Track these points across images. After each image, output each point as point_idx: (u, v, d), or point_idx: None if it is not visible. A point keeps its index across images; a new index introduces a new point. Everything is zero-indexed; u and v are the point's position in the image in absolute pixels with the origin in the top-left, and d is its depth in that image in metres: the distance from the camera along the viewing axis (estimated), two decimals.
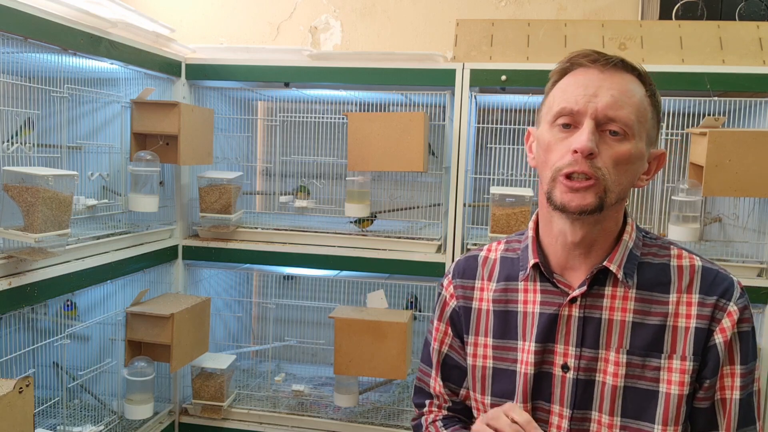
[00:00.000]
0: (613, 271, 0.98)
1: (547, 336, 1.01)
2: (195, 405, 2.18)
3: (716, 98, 1.90)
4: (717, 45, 1.99)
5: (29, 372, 1.70)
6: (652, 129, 0.98)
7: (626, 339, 0.97)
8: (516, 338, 1.05)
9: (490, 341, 1.07)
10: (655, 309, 0.98)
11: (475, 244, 2.04)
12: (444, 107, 2.19)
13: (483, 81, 1.98)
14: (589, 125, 0.92)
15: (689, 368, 0.95)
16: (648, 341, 0.97)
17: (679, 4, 2.36)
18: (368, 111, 2.28)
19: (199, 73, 2.16)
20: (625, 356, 0.97)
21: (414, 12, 2.61)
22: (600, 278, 0.99)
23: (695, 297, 0.97)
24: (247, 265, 2.29)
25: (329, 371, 2.28)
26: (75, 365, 1.98)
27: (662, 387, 0.96)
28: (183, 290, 2.22)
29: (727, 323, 0.95)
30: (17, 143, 1.62)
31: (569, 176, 0.93)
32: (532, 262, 1.03)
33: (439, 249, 2.09)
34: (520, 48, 2.09)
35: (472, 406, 1.12)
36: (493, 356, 1.07)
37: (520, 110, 2.21)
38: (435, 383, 1.16)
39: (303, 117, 2.34)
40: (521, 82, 1.94)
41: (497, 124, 2.15)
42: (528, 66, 1.95)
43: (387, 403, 2.26)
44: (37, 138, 1.79)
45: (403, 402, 2.26)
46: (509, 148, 2.14)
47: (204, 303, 2.06)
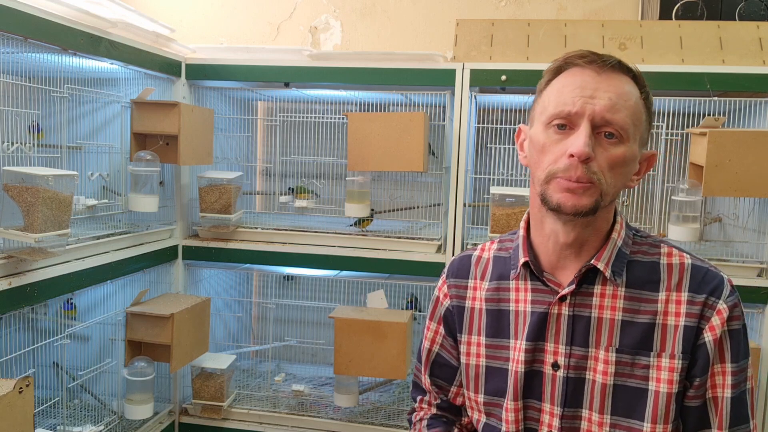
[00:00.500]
0: (601, 270, 0.98)
1: (538, 334, 1.01)
2: (195, 405, 2.18)
3: (716, 98, 1.90)
4: (717, 45, 1.99)
5: (29, 372, 1.70)
6: (645, 131, 0.98)
7: (615, 337, 0.97)
8: (508, 337, 1.05)
9: (483, 340, 1.08)
10: (645, 307, 0.98)
11: (475, 244, 2.04)
12: (444, 107, 2.19)
13: (483, 81, 1.98)
14: (586, 129, 0.91)
15: (678, 366, 0.95)
16: (637, 339, 0.97)
17: (679, 4, 2.36)
18: (368, 111, 2.28)
19: (199, 73, 2.16)
20: (615, 354, 0.97)
21: (414, 12, 2.61)
22: (589, 277, 1.00)
23: (684, 295, 0.97)
24: (247, 265, 2.29)
25: (329, 371, 2.28)
26: (75, 365, 1.98)
27: (651, 385, 0.96)
28: (183, 290, 2.22)
29: (717, 321, 0.95)
30: (28, 143, 1.62)
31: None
32: (522, 261, 1.03)
33: (439, 249, 2.09)
34: (520, 48, 2.09)
35: (466, 405, 1.12)
36: (486, 355, 1.07)
37: (520, 110, 2.21)
38: (425, 379, 1.18)
39: (303, 117, 2.34)
40: (521, 82, 1.94)
41: (497, 124, 2.15)
42: (528, 66, 1.95)
43: (387, 403, 2.26)
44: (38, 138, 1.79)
45: (403, 402, 2.26)
46: (509, 148, 2.13)
47: (204, 303, 2.06)
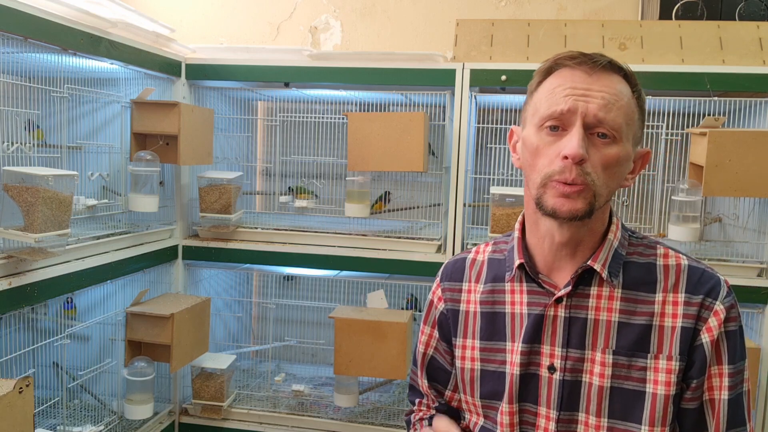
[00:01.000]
0: (598, 271, 0.97)
1: (534, 337, 1.00)
2: (195, 405, 2.18)
3: (716, 98, 1.90)
4: (717, 45, 1.99)
5: (29, 372, 1.70)
6: (638, 129, 0.97)
7: (612, 339, 0.96)
8: (504, 339, 1.04)
9: (478, 343, 1.06)
10: (641, 309, 0.97)
11: (475, 244, 2.04)
12: (444, 107, 2.19)
13: (483, 81, 1.98)
14: (579, 130, 0.90)
15: (675, 368, 0.94)
16: (634, 341, 0.96)
17: (679, 4, 2.36)
18: (368, 111, 2.28)
19: (199, 73, 2.16)
20: (611, 356, 0.96)
21: (414, 12, 2.61)
22: (585, 278, 0.99)
23: (681, 296, 0.96)
24: (247, 265, 2.29)
25: (329, 371, 2.28)
26: (75, 365, 1.98)
27: (649, 387, 0.95)
28: (183, 290, 2.22)
29: (714, 322, 0.94)
30: (28, 143, 1.62)
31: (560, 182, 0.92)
32: (518, 263, 1.02)
33: (439, 249, 2.09)
34: (520, 48, 2.09)
35: (463, 408, 1.12)
36: (481, 358, 1.06)
37: (520, 110, 2.21)
38: (422, 383, 1.17)
39: (303, 117, 2.34)
40: (521, 82, 1.94)
41: (497, 124, 2.15)
42: (528, 66, 1.95)
43: (387, 403, 2.26)
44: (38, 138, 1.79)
45: (403, 402, 2.26)
46: (509, 148, 2.13)
47: (204, 303, 2.06)
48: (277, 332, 2.46)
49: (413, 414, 1.20)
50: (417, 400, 1.19)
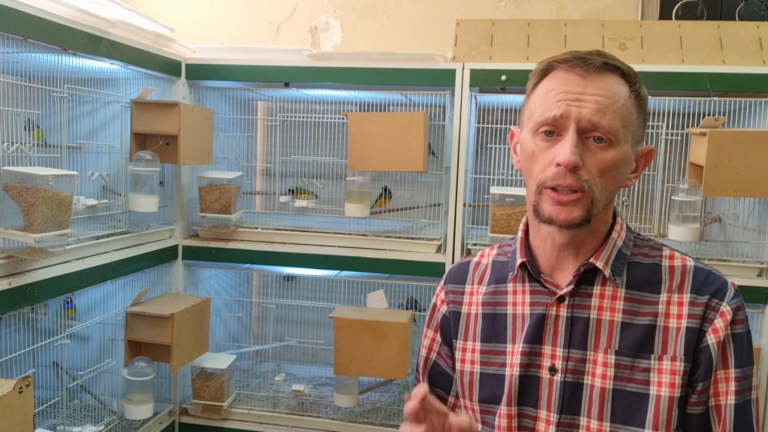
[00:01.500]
0: (600, 268, 0.96)
1: (535, 337, 0.98)
2: (195, 405, 2.18)
3: (716, 98, 1.90)
4: (717, 45, 1.99)
5: (29, 372, 1.70)
6: (638, 129, 0.95)
7: (615, 339, 0.95)
8: (505, 341, 1.02)
9: (478, 346, 1.05)
10: (645, 309, 0.95)
11: (475, 244, 2.04)
12: (444, 107, 2.19)
13: (483, 81, 1.98)
14: (572, 136, 0.89)
15: (680, 369, 0.92)
16: (637, 341, 0.94)
17: (679, 4, 2.36)
18: (368, 111, 2.27)
19: (199, 73, 2.16)
20: (614, 357, 0.94)
21: (414, 12, 2.61)
22: (588, 277, 0.98)
23: (686, 296, 0.94)
24: (247, 265, 2.29)
25: (329, 371, 2.28)
26: (75, 365, 1.98)
27: (652, 389, 0.93)
28: (183, 290, 2.22)
29: (720, 324, 0.92)
30: (28, 143, 1.62)
31: (554, 188, 0.91)
32: (519, 262, 1.02)
33: (439, 249, 2.09)
34: (520, 48, 2.09)
35: (463, 413, 1.10)
36: (481, 361, 1.04)
37: (520, 110, 2.20)
38: None
39: (303, 117, 2.34)
40: (521, 82, 1.91)
41: (497, 124, 2.15)
42: (528, 66, 1.92)
43: (387, 404, 2.26)
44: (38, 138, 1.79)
45: (403, 402, 2.26)
46: (509, 148, 2.12)
47: (204, 303, 2.06)
48: (277, 332, 2.46)
49: None
50: None
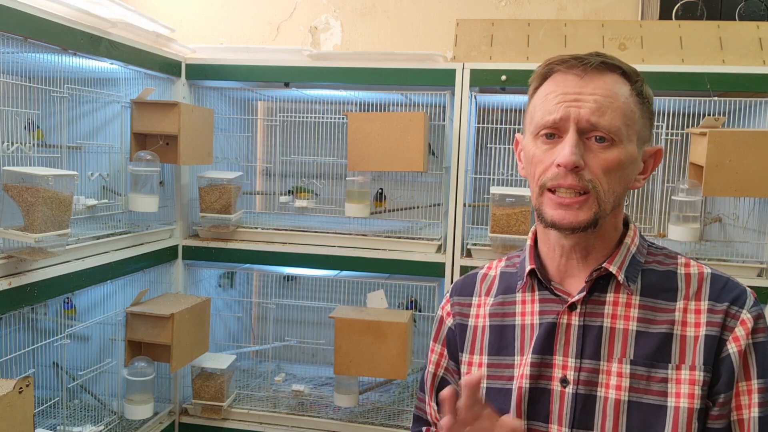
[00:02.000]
0: (614, 273, 0.92)
1: (545, 347, 0.94)
2: (195, 405, 2.18)
3: (716, 98, 1.90)
4: (717, 45, 1.99)
5: (29, 372, 1.70)
6: (643, 128, 0.92)
7: (630, 348, 0.90)
8: (513, 354, 0.98)
9: (485, 359, 1.01)
10: (661, 317, 0.91)
11: (475, 244, 2.05)
12: (444, 107, 2.19)
13: (483, 81, 1.98)
14: (572, 137, 0.87)
15: (700, 379, 0.87)
16: (653, 350, 0.89)
17: (679, 4, 2.36)
18: (368, 111, 2.28)
19: (199, 73, 2.16)
20: (629, 367, 0.89)
21: (414, 12, 2.61)
22: (601, 284, 0.94)
23: (704, 304, 0.90)
24: (247, 265, 2.29)
25: (329, 371, 2.27)
26: (75, 365, 1.98)
27: (670, 401, 0.88)
28: (183, 290, 2.22)
29: (741, 332, 0.88)
30: (28, 143, 1.62)
31: (555, 190, 0.89)
32: (529, 269, 0.98)
33: (439, 249, 2.09)
34: (520, 48, 2.09)
35: None
36: (488, 375, 0.99)
37: (520, 110, 2.21)
38: (430, 409, 1.10)
39: (303, 117, 2.34)
40: (521, 82, 1.92)
41: (497, 124, 2.15)
42: (528, 66, 1.95)
43: (387, 403, 2.26)
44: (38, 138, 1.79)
45: (403, 402, 2.26)
46: (509, 148, 2.13)
47: (204, 303, 2.06)
48: (277, 332, 2.46)
49: None
50: (424, 429, 1.11)
